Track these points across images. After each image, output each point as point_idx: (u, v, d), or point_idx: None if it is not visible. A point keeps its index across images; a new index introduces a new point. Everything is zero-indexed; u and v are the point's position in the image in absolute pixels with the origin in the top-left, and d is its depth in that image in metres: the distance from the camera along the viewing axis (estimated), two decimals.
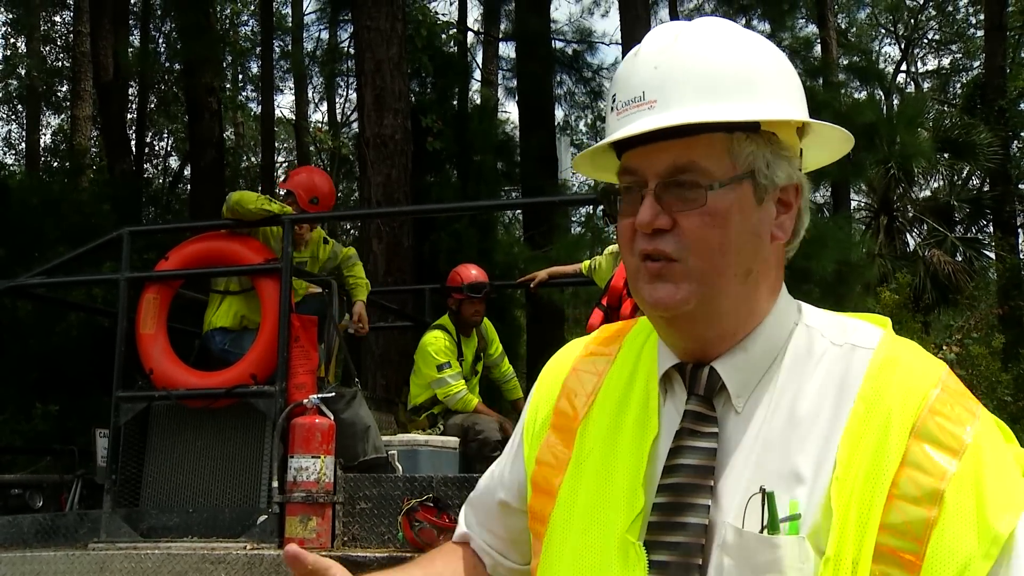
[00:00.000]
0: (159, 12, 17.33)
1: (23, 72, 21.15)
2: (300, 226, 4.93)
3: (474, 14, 18.06)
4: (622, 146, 1.02)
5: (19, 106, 22.83)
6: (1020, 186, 17.30)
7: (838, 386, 0.97)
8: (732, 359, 1.01)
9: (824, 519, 0.90)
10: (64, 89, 20.98)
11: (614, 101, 1.02)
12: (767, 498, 0.92)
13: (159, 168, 21.84)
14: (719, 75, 0.98)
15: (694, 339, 1.02)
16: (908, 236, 15.39)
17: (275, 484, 4.12)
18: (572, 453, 1.08)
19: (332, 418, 4.20)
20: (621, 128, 1.00)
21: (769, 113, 0.98)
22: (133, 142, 16.91)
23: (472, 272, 5.80)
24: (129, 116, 17.14)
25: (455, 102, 12.80)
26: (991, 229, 16.33)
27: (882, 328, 1.03)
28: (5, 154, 23.51)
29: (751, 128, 0.99)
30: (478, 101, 15.67)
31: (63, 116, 21.38)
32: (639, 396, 1.07)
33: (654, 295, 0.99)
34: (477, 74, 17.63)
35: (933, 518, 0.87)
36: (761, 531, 0.91)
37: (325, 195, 5.19)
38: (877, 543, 0.88)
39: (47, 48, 21.21)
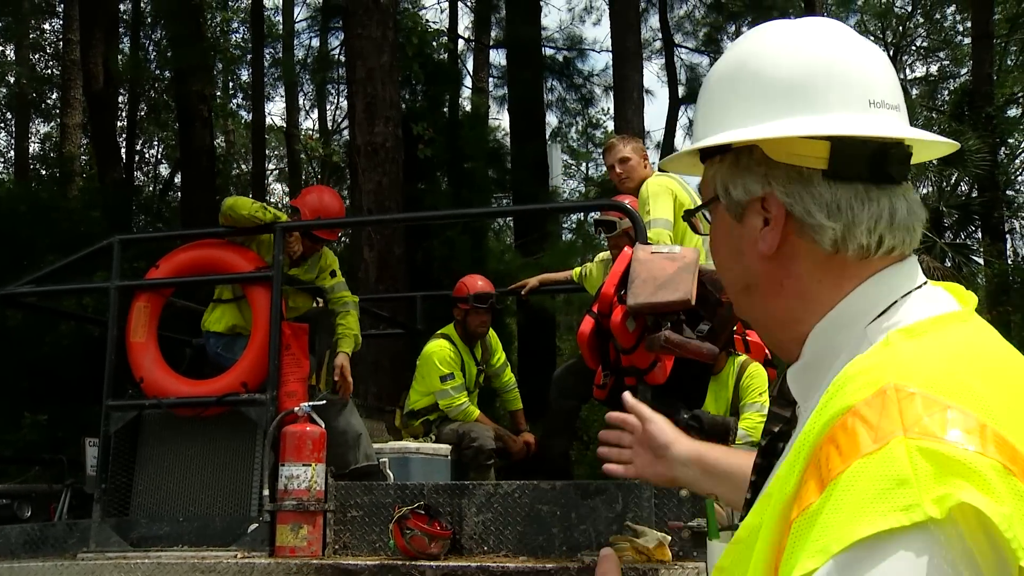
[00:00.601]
0: (149, 20, 17.33)
1: (12, 80, 21.10)
2: (290, 234, 4.86)
3: (464, 22, 18.13)
4: None
5: (8, 114, 22.76)
6: (1008, 192, 17.41)
7: None
8: (795, 366, 1.02)
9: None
10: (54, 97, 20.94)
11: None
12: (707, 507, 1.02)
13: (150, 176, 21.81)
14: (709, 101, 1.05)
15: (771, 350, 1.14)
16: None
17: (266, 492, 4.10)
18: None
19: (323, 426, 4.19)
20: None
21: (718, 139, 1.00)
22: (123, 150, 16.89)
23: (479, 283, 5.76)
24: (119, 124, 17.11)
25: (446, 109, 12.83)
26: (979, 235, 16.41)
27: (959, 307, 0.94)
28: None
29: (724, 150, 1.02)
30: (469, 108, 15.69)
31: (52, 124, 21.34)
32: None
33: None
34: (468, 81, 17.68)
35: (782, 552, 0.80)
36: (707, 536, 1.04)
37: (331, 216, 5.07)
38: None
39: (36, 56, 21.19)
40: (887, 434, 0.76)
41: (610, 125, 20.04)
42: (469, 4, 17.79)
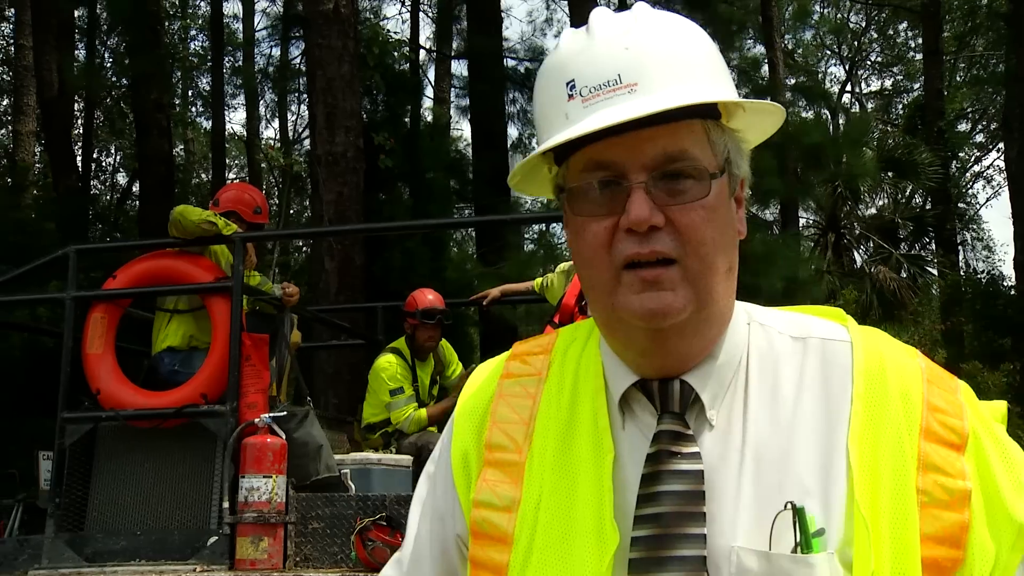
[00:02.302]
0: (105, 27, 17.09)
1: None
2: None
3: (426, 32, 18.14)
4: (582, 140, 0.87)
5: None
6: (959, 204, 17.79)
7: (821, 385, 0.90)
8: (703, 368, 0.91)
9: (849, 532, 0.84)
10: (5, 103, 20.55)
11: (573, 88, 0.88)
12: (798, 514, 0.84)
13: (107, 185, 21.49)
14: (693, 58, 0.89)
15: (673, 352, 0.90)
16: (855, 253, 15.71)
17: (226, 505, 4.06)
18: (522, 490, 0.94)
19: (284, 437, 4.15)
20: (592, 116, 0.86)
21: (734, 95, 0.91)
22: (79, 158, 16.61)
23: (428, 297, 5.71)
24: (74, 132, 16.83)
25: (407, 120, 12.82)
26: (933, 246, 16.74)
27: (838, 320, 0.98)
28: None
29: (717, 116, 0.91)
30: (430, 119, 15.69)
31: (3, 131, 20.92)
32: (587, 419, 0.94)
33: (648, 305, 0.86)
34: (429, 92, 17.68)
35: (967, 520, 0.84)
36: (794, 550, 0.83)
37: (262, 203, 5.18)
38: (923, 556, 0.83)
39: None
40: (954, 384, 0.92)
41: None
42: (431, 15, 17.82)
